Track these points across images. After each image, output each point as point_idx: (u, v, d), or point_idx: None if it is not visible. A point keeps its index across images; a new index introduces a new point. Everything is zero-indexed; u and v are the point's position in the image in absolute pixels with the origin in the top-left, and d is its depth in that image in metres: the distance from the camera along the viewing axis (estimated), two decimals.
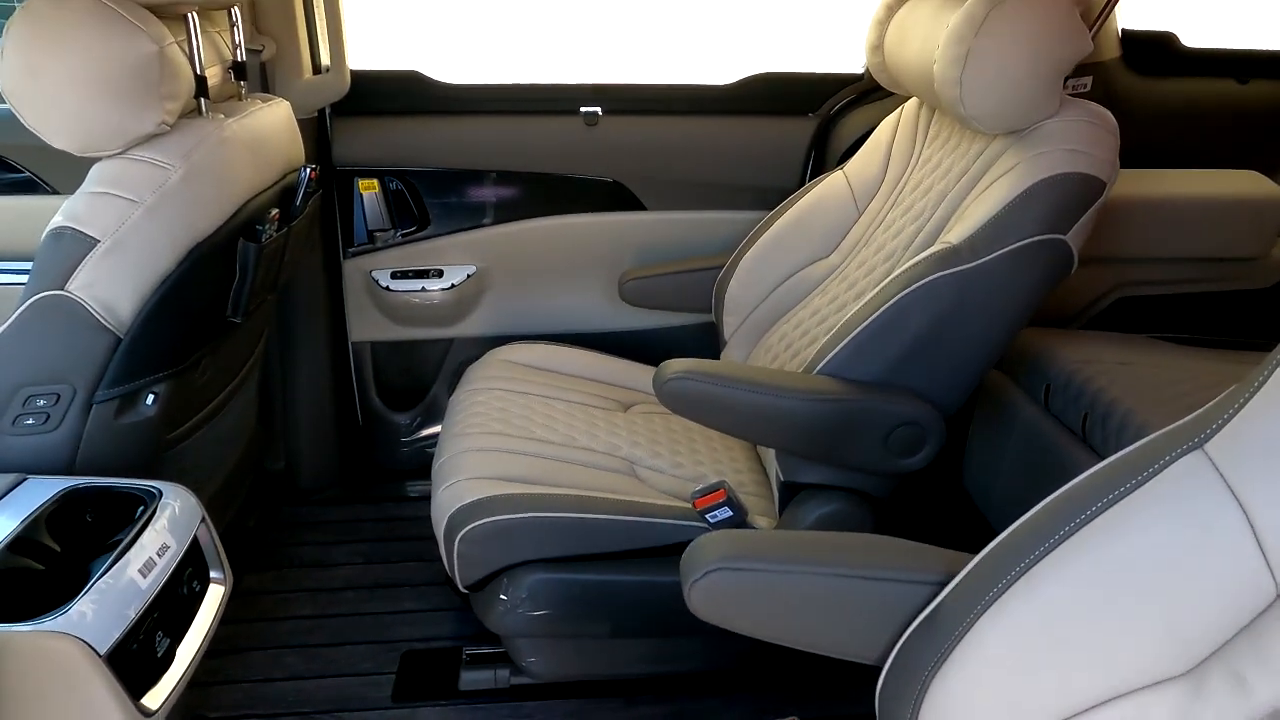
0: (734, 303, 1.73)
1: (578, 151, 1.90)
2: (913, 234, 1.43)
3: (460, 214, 1.93)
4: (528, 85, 1.88)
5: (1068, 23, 1.16)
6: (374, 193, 1.87)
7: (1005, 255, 1.18)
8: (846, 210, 1.65)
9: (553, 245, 1.97)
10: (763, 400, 1.20)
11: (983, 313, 1.21)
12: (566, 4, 1.74)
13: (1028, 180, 1.17)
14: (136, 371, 1.14)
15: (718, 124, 1.93)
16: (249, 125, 1.27)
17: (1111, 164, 1.18)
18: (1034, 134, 1.22)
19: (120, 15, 1.05)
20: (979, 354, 1.25)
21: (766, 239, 1.70)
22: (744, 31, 1.84)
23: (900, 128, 1.61)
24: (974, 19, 1.17)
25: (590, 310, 2.04)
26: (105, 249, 1.08)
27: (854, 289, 1.52)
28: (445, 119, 1.86)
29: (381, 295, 1.93)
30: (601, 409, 1.68)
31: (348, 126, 1.83)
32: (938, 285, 1.19)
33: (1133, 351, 1.71)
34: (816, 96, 1.96)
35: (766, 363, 1.63)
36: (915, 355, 1.22)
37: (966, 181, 1.35)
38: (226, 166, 1.19)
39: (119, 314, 1.10)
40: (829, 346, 1.25)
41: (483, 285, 1.99)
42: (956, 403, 1.28)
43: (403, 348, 2.04)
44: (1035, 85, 1.18)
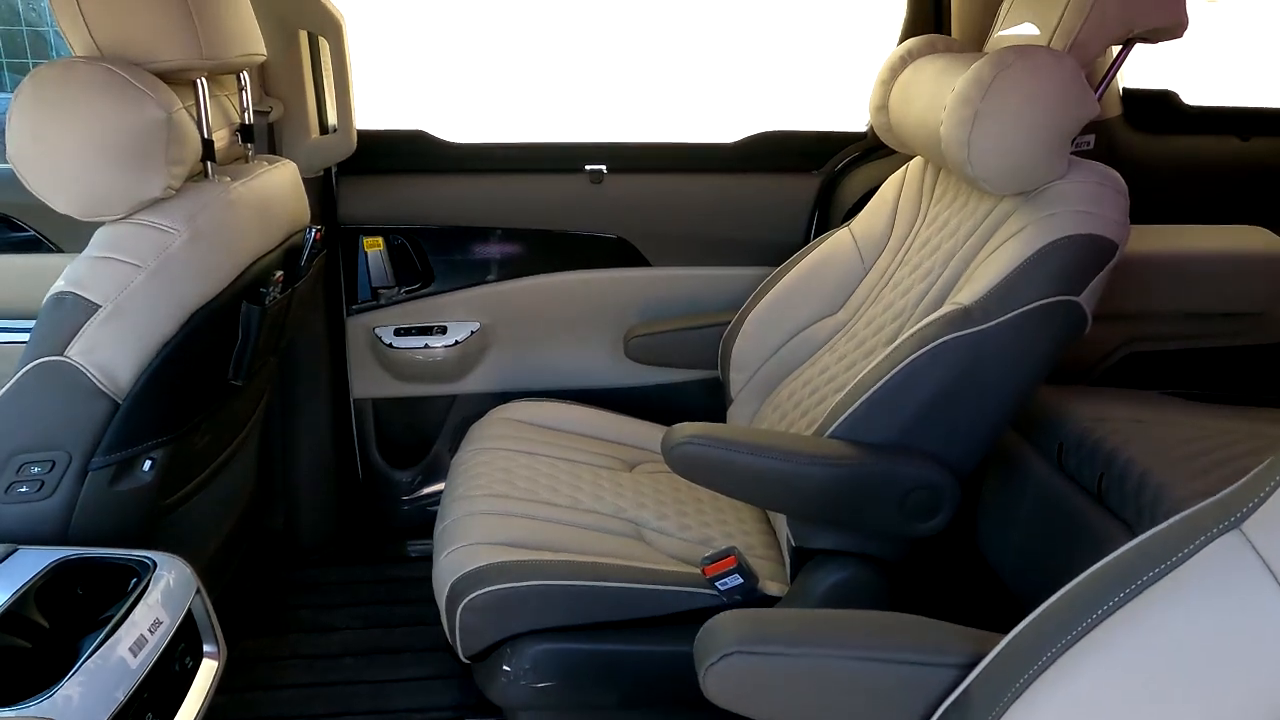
0: (740, 359, 1.71)
1: (582, 209, 1.90)
2: (921, 292, 1.42)
3: (464, 271, 1.93)
4: (533, 144, 1.89)
5: (1074, 85, 1.16)
6: (379, 250, 1.87)
7: (1018, 317, 1.16)
8: (853, 267, 1.64)
9: (557, 301, 1.96)
10: (774, 465, 1.17)
11: (996, 374, 1.19)
12: (572, 64, 1.76)
13: (1039, 241, 1.16)
14: (134, 438, 1.12)
15: (722, 181, 1.94)
16: (255, 187, 1.27)
17: (1122, 225, 1.17)
18: (1043, 195, 1.22)
19: (129, 82, 1.05)
20: (993, 416, 1.22)
21: (773, 296, 1.69)
22: (746, 91, 1.86)
23: (905, 186, 1.61)
24: (981, 81, 1.17)
25: (595, 367, 2.03)
26: (106, 314, 1.07)
27: (863, 347, 1.50)
28: (450, 177, 1.87)
29: (385, 352, 1.92)
30: (607, 469, 1.65)
31: (353, 185, 1.83)
32: (950, 347, 1.17)
33: (1145, 408, 1.69)
34: (820, 154, 1.97)
35: (774, 421, 1.61)
36: (929, 417, 1.20)
37: (975, 241, 1.34)
38: (231, 230, 1.19)
39: (118, 379, 1.08)
40: (840, 409, 1.23)
41: (486, 342, 1.98)
42: (972, 465, 1.25)
43: (405, 404, 2.02)
44: (1043, 147, 1.18)
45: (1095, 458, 1.54)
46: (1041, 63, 1.15)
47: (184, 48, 1.12)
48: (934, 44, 1.52)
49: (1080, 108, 1.17)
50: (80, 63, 1.05)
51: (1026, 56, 1.16)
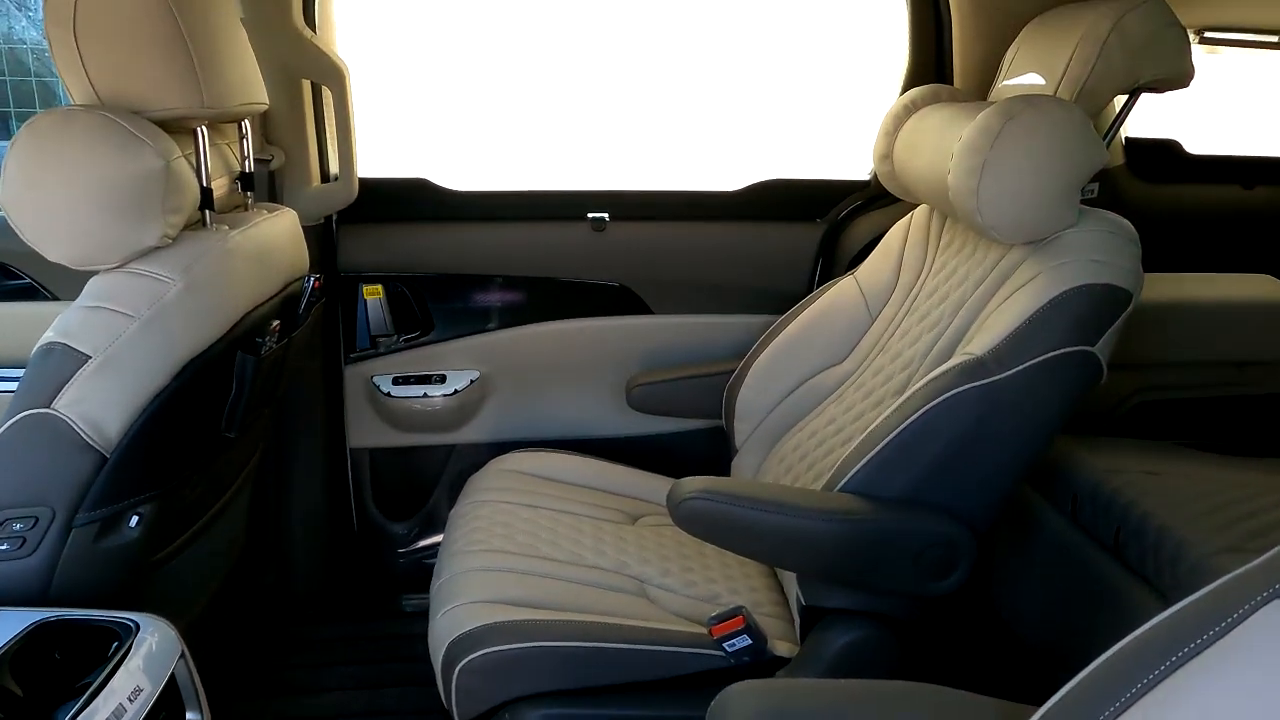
0: (745, 409, 1.68)
1: (584, 257, 1.89)
2: (930, 342, 1.40)
3: (464, 319, 1.91)
4: (535, 192, 1.88)
5: (1083, 134, 1.15)
6: (378, 298, 1.85)
7: (1033, 367, 1.13)
8: (859, 316, 1.62)
9: (558, 349, 1.94)
10: (784, 522, 1.13)
11: (1012, 426, 1.16)
12: (574, 113, 1.77)
13: (1052, 290, 1.14)
14: (121, 492, 1.08)
15: (725, 229, 1.93)
16: (253, 236, 1.25)
17: (1136, 274, 1.15)
18: (1054, 244, 1.20)
19: (127, 131, 1.04)
20: (1009, 468, 1.19)
21: (778, 344, 1.67)
22: (748, 139, 1.86)
23: (911, 234, 1.59)
24: (989, 130, 1.16)
25: (596, 416, 1.99)
26: (96, 365, 1.03)
27: (871, 397, 1.47)
28: (452, 225, 1.85)
29: (382, 401, 1.89)
30: (609, 521, 1.61)
31: (354, 232, 1.82)
32: (964, 398, 1.14)
33: (1159, 460, 1.65)
34: (823, 202, 1.96)
35: (780, 473, 1.57)
36: (943, 471, 1.16)
37: (984, 290, 1.32)
38: (228, 279, 1.16)
39: (106, 432, 1.04)
40: (851, 462, 1.20)
41: (486, 390, 1.94)
42: (988, 519, 1.21)
43: (403, 454, 1.97)
44: (1053, 196, 1.16)
45: (1111, 511, 1.50)
46: (1050, 112, 1.14)
47: (185, 97, 1.11)
48: (938, 94, 1.52)
49: (1090, 157, 1.16)
50: (78, 111, 1.04)
51: (1034, 106, 1.15)
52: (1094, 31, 1.27)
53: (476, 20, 1.72)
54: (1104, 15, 1.27)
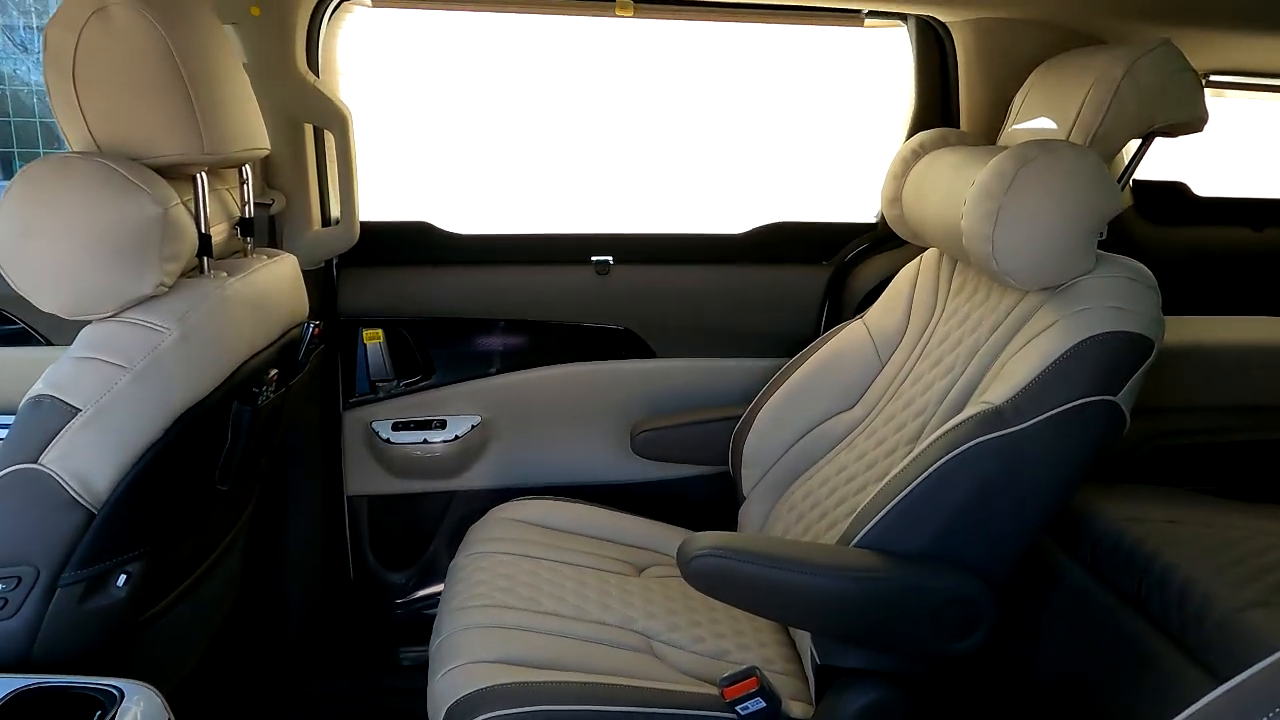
0: (753, 456, 1.64)
1: (588, 300, 1.86)
2: (944, 389, 1.36)
3: (465, 363, 1.87)
4: (538, 235, 1.86)
5: (1099, 179, 1.13)
6: (378, 342, 1.82)
7: (1054, 418, 1.10)
8: (869, 361, 1.59)
9: (560, 394, 1.90)
10: (798, 580, 1.09)
11: (1032, 478, 1.12)
12: (578, 156, 1.76)
13: (1072, 338, 1.11)
14: (109, 550, 1.04)
15: (730, 272, 1.90)
16: (252, 283, 1.22)
17: (1158, 322, 1.12)
18: (1072, 290, 1.17)
19: (124, 177, 1.01)
20: (1030, 522, 1.15)
21: (785, 389, 1.64)
22: (752, 182, 1.85)
23: (920, 278, 1.57)
24: (1003, 175, 1.14)
25: (600, 462, 1.95)
26: (86, 418, 1.00)
27: (884, 445, 1.43)
28: (454, 269, 1.83)
29: (381, 447, 1.85)
30: (614, 573, 1.56)
31: (354, 276, 1.79)
32: (983, 450, 1.11)
33: (1179, 507, 1.61)
34: (830, 245, 1.95)
35: (790, 522, 1.53)
36: (962, 525, 1.12)
37: (999, 336, 1.29)
38: (225, 327, 1.13)
39: (95, 488, 1.00)
40: (866, 517, 1.15)
41: (487, 436, 1.91)
42: (1008, 575, 1.17)
43: (401, 501, 1.93)
44: (1070, 242, 1.14)
45: (1132, 562, 1.46)
46: (1065, 157, 1.12)
47: (185, 143, 1.09)
48: (946, 137, 1.51)
49: (1107, 202, 1.14)
50: (75, 158, 1.02)
51: (1050, 151, 1.13)
52: (1107, 76, 1.26)
53: (481, 63, 1.71)
54: (1117, 60, 1.26)
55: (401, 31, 1.67)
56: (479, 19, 1.67)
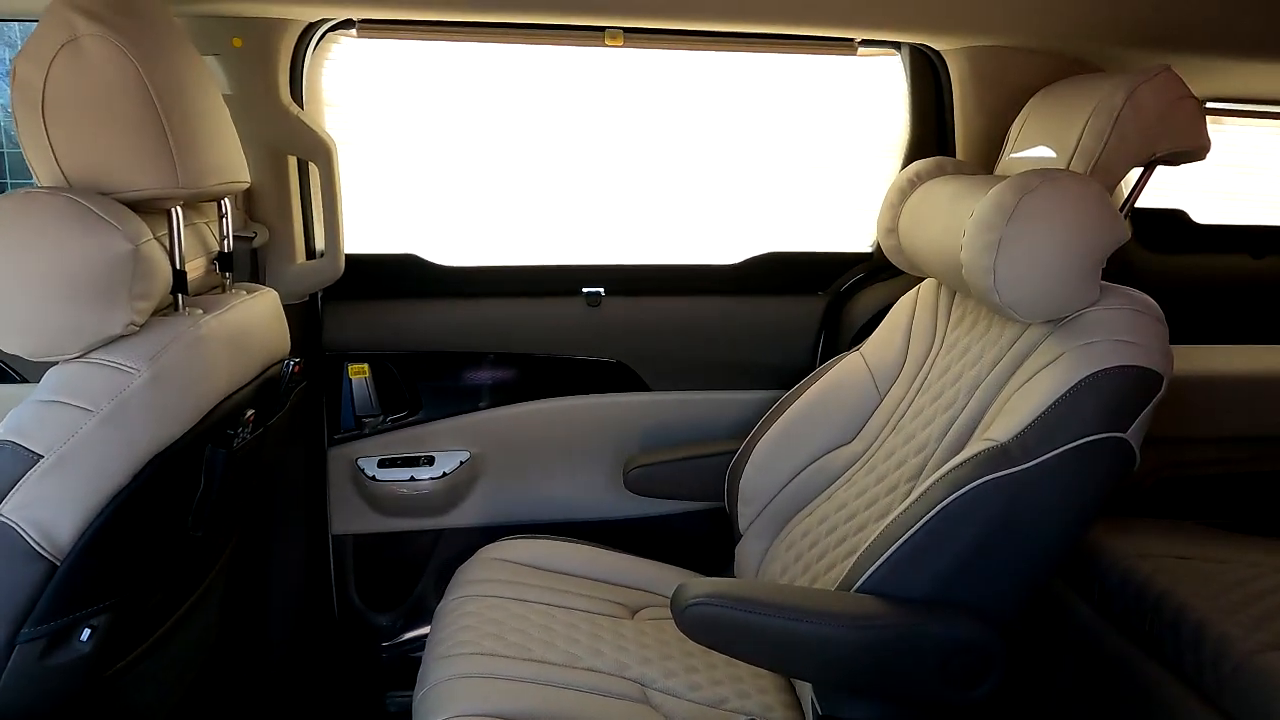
0: (749, 492, 1.59)
1: (579, 332, 1.82)
2: (946, 423, 1.32)
3: (454, 398, 1.83)
4: (527, 267, 1.83)
5: (1102, 209, 1.10)
6: (364, 377, 1.77)
7: (1061, 455, 1.06)
8: (867, 394, 1.55)
9: (552, 429, 1.86)
10: (799, 628, 1.04)
11: (1040, 518, 1.07)
12: (567, 186, 1.73)
13: (1079, 373, 1.07)
14: (72, 604, 0.98)
15: (724, 303, 1.87)
16: (229, 320, 1.18)
17: (1167, 355, 1.08)
18: (1077, 322, 1.14)
19: (92, 213, 0.97)
20: (1040, 564, 1.10)
21: (782, 424, 1.59)
22: (745, 212, 1.83)
23: (918, 309, 1.53)
24: (1004, 206, 1.11)
25: (592, 497, 1.90)
26: (48, 465, 0.95)
27: (885, 482, 1.39)
28: (441, 301, 1.79)
29: (367, 485, 1.79)
30: (607, 615, 1.50)
31: (339, 310, 1.75)
32: (988, 489, 1.06)
33: (1188, 542, 1.57)
34: (824, 275, 1.92)
35: (789, 561, 1.48)
36: (968, 569, 1.08)
37: (1002, 369, 1.26)
38: (199, 367, 1.09)
39: (57, 539, 0.95)
40: (868, 560, 1.11)
41: (476, 472, 1.86)
42: (1017, 619, 1.12)
43: (388, 540, 1.87)
44: (1074, 273, 1.10)
45: (1142, 601, 1.41)
46: (1067, 186, 1.09)
47: (159, 177, 1.05)
48: (942, 166, 1.48)
49: (1110, 232, 1.10)
50: (40, 193, 0.98)
51: (1051, 180, 1.10)
52: (1107, 104, 1.24)
53: (469, 92, 1.68)
54: (1117, 87, 1.23)
55: (387, 61, 1.64)
56: (466, 49, 1.65)
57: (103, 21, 1.01)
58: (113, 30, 1.01)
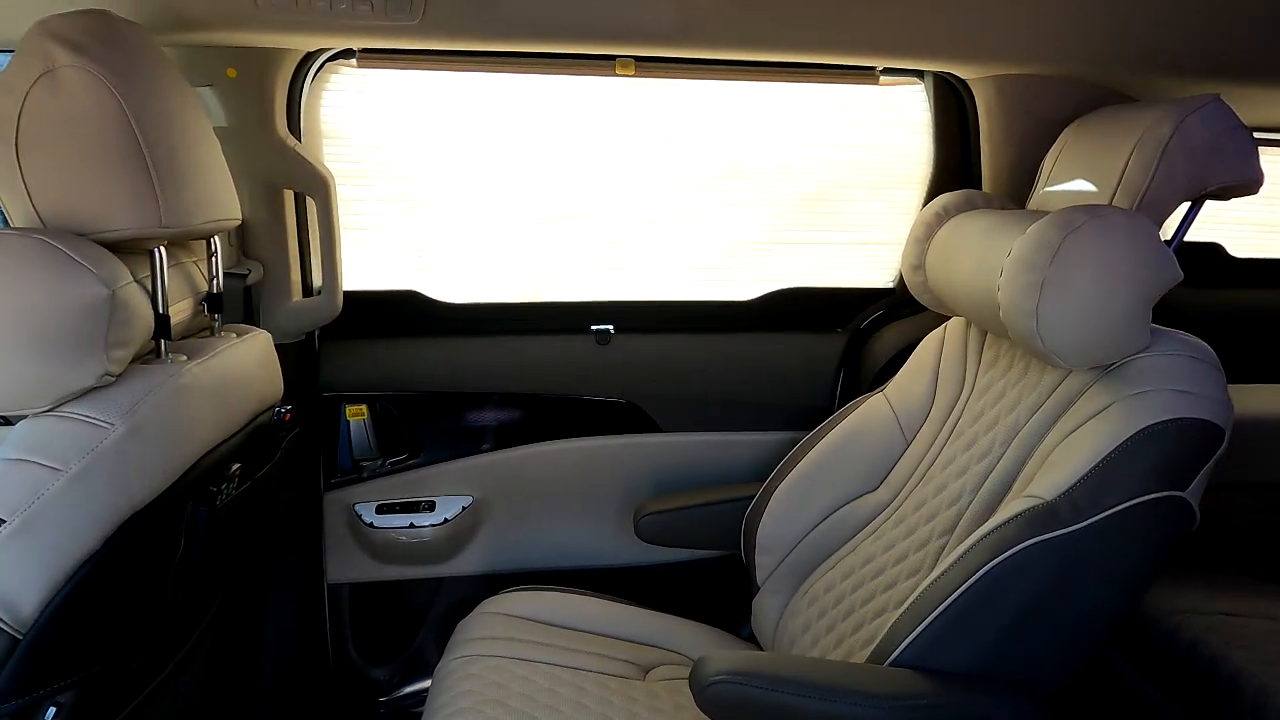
0: (768, 542, 1.50)
1: (588, 371, 1.75)
2: (980, 475, 1.23)
3: (456, 439, 1.75)
4: (534, 303, 1.75)
5: (1153, 247, 1.02)
6: (362, 419, 1.70)
7: (1113, 516, 0.97)
8: (892, 439, 1.46)
9: (559, 472, 1.77)
10: (829, 710, 0.94)
11: (1092, 585, 0.98)
12: (577, 219, 1.67)
13: (1133, 425, 0.98)
14: (37, 680, 0.90)
15: (739, 341, 1.79)
16: (214, 367, 1.10)
17: (1227, 406, 1.00)
18: (1127, 369, 1.05)
19: (66, 256, 0.90)
20: (1091, 633, 1.01)
21: (801, 469, 1.50)
22: (762, 247, 1.76)
23: (946, 348, 1.45)
24: (1048, 245, 1.03)
25: (602, 544, 1.81)
26: (12, 530, 0.87)
27: (915, 536, 1.30)
28: (444, 340, 1.72)
29: (365, 532, 1.71)
30: (617, 676, 1.41)
31: (338, 349, 1.68)
32: (1034, 554, 0.97)
33: (1237, 598, 1.47)
34: (844, 311, 1.84)
35: (812, 617, 1.39)
36: (1013, 640, 0.99)
37: (1042, 418, 1.17)
38: (180, 419, 1.01)
39: (20, 610, 0.87)
40: (901, 630, 1.02)
41: (480, 517, 1.77)
42: (1067, 694, 1.03)
43: (387, 589, 1.79)
44: (1124, 316, 1.02)
45: (1193, 665, 1.31)
46: (1115, 223, 1.01)
47: (140, 216, 0.98)
48: (971, 199, 1.41)
49: (1162, 271, 1.02)
50: (10, 234, 0.91)
51: (1097, 216, 1.02)
52: (1153, 135, 1.16)
53: (478, 124, 1.62)
54: (1164, 117, 1.16)
55: (390, 91, 1.58)
56: (473, 79, 1.59)
57: (83, 52, 0.95)
58: (94, 61, 0.95)
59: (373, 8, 1.20)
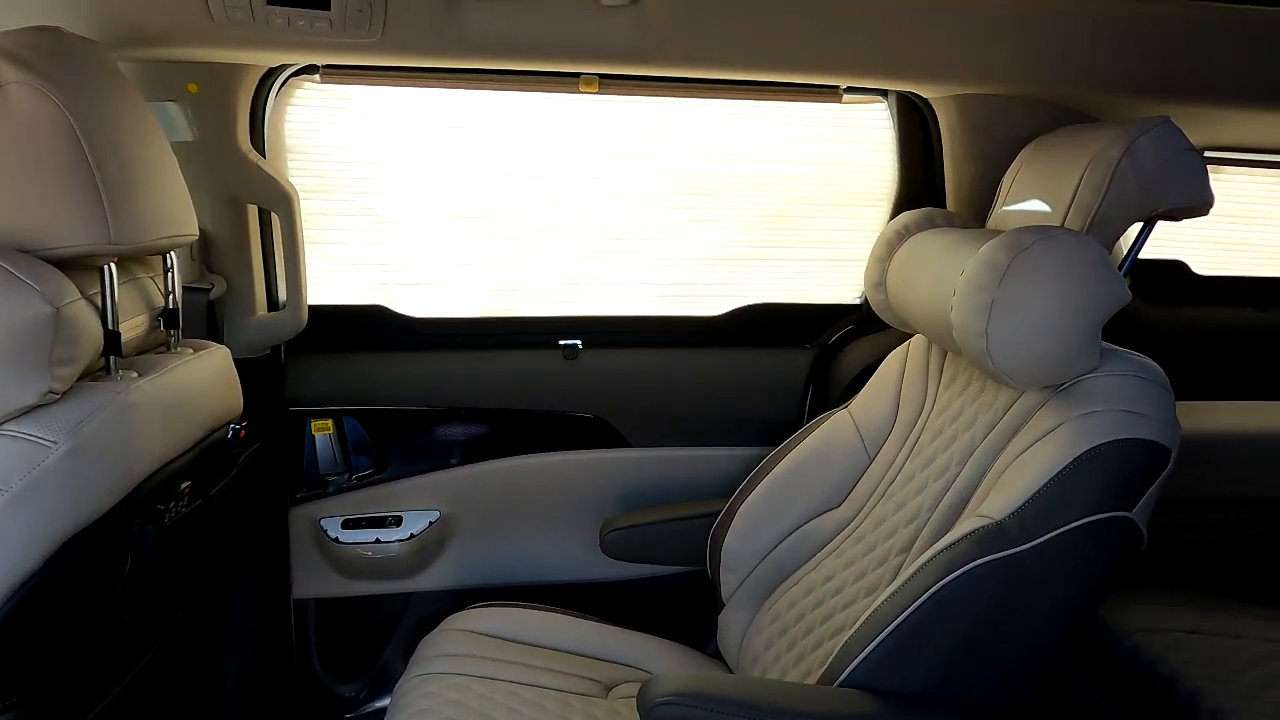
0: (732, 559, 1.50)
1: (556, 387, 1.74)
2: (938, 493, 1.24)
3: (424, 454, 1.74)
4: (502, 318, 1.75)
5: (1102, 269, 1.03)
6: (327, 434, 1.69)
7: (1063, 536, 0.97)
8: (856, 456, 1.46)
9: (527, 487, 1.77)
10: None
11: (1040, 605, 0.99)
12: (544, 234, 1.67)
13: (1080, 445, 0.99)
14: None
15: (708, 356, 1.79)
16: (166, 383, 1.10)
17: (1174, 427, 1.00)
18: (1076, 389, 1.06)
19: (9, 273, 0.90)
20: (1039, 653, 1.01)
21: (766, 486, 1.51)
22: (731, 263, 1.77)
23: (909, 366, 1.46)
24: (996, 266, 1.03)
25: (570, 559, 1.81)
26: None
27: (874, 553, 1.30)
28: (410, 354, 1.71)
29: (330, 547, 1.70)
30: (579, 694, 1.40)
31: (304, 364, 1.67)
32: (982, 573, 0.98)
33: (1198, 615, 1.47)
34: (812, 327, 1.84)
35: (774, 635, 1.39)
36: (963, 660, 0.99)
37: (997, 436, 1.17)
38: (127, 437, 1.00)
39: None
40: (852, 650, 1.02)
41: (446, 533, 1.76)
42: (1016, 713, 1.03)
43: (353, 605, 1.77)
44: (1072, 337, 1.03)
45: (1152, 683, 1.31)
46: (1064, 245, 1.02)
47: (88, 233, 0.98)
48: (932, 218, 1.42)
49: (1110, 293, 1.03)
50: None
51: (1046, 238, 1.03)
52: (1104, 156, 1.17)
53: (444, 139, 1.62)
54: (1115, 139, 1.17)
55: (355, 106, 1.58)
56: (436, 94, 1.59)
57: (31, 69, 0.95)
58: (41, 78, 0.95)
59: (331, 25, 1.20)
